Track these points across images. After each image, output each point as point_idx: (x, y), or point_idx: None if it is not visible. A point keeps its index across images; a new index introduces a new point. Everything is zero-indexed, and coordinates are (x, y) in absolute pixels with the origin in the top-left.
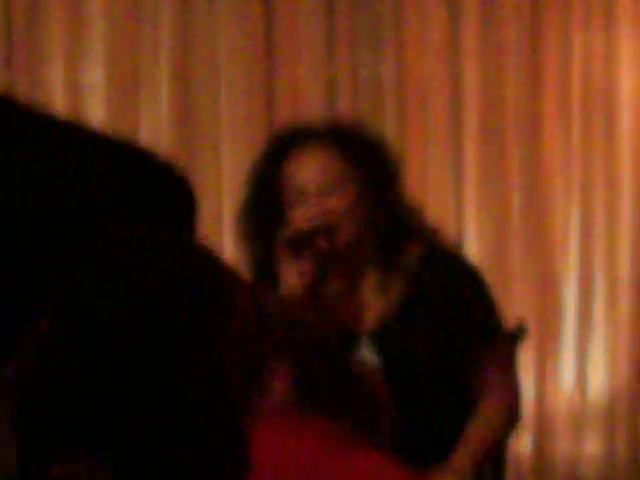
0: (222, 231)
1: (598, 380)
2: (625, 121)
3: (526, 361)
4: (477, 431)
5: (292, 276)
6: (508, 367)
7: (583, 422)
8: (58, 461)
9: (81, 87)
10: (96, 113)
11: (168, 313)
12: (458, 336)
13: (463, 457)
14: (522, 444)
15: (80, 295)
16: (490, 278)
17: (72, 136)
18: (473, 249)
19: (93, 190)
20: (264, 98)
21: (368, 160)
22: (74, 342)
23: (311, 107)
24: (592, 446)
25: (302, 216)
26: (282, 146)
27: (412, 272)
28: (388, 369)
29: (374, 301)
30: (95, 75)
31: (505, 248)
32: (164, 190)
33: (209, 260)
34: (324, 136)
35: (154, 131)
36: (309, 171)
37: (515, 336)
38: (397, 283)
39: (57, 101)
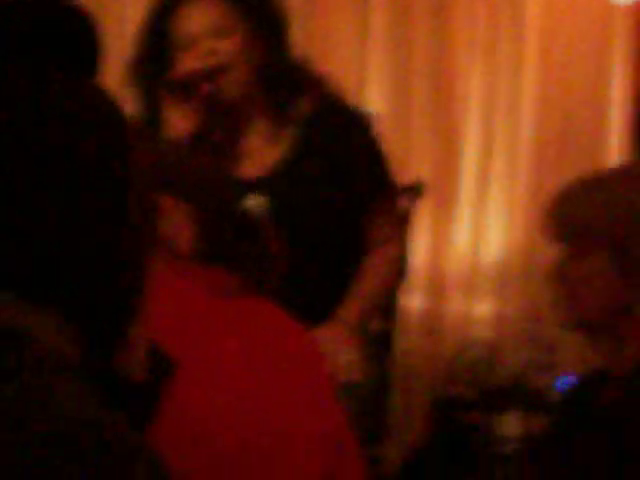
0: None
1: (493, 240)
2: None
3: (422, 218)
4: (365, 282)
5: (178, 120)
6: (397, 220)
7: (476, 282)
8: None
9: None
10: None
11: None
12: (348, 186)
13: (351, 307)
14: (413, 302)
15: None
16: (391, 133)
17: None
18: (375, 103)
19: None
20: None
21: (256, 8)
22: None
23: None
24: (483, 306)
25: (191, 58)
26: None
27: (303, 122)
28: (276, 217)
29: (263, 150)
30: None
31: (407, 109)
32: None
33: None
34: None
35: None
36: (198, 16)
37: (412, 191)
38: (288, 133)
39: None
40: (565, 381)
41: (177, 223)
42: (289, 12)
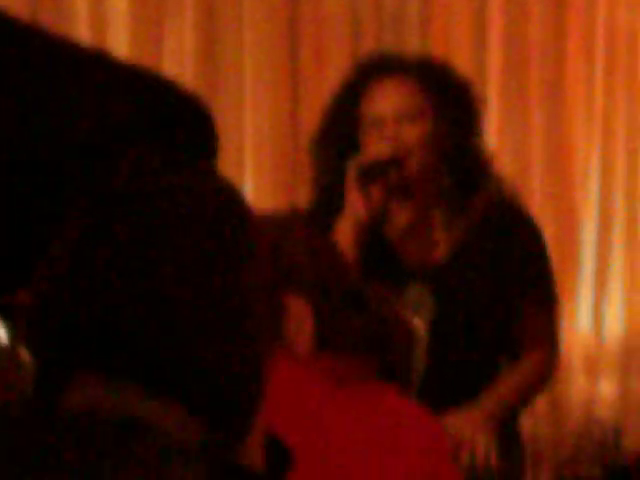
0: (243, 172)
1: (615, 322)
2: None
3: None
4: (508, 379)
5: (360, 204)
6: (555, 327)
7: (599, 363)
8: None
9: (105, 17)
10: (120, 44)
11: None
12: (513, 287)
13: (490, 398)
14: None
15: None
16: None
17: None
18: None
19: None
20: (288, 34)
21: (449, 98)
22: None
23: (335, 43)
24: (607, 388)
25: (376, 143)
26: (364, 74)
27: (478, 217)
28: (440, 308)
29: (438, 241)
30: (119, 5)
31: (524, 191)
32: (187, 120)
33: (232, 195)
34: (407, 68)
35: (177, 64)
36: (387, 100)
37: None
38: (462, 226)
39: (81, 31)
40: None
41: (298, 321)
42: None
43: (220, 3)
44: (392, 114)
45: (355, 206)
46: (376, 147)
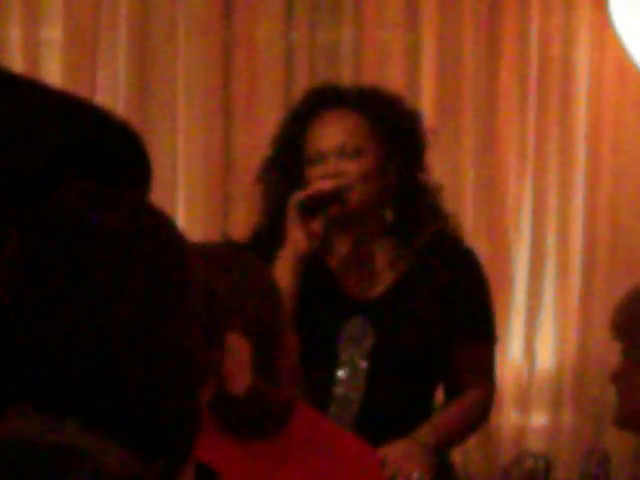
0: (175, 196)
1: (546, 354)
2: (581, 99)
3: None
4: (446, 415)
5: (300, 237)
6: (492, 364)
7: (530, 396)
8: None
9: (39, 45)
10: (53, 72)
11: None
12: (452, 323)
13: (428, 431)
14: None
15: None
16: None
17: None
18: None
19: (47, 147)
20: (221, 62)
21: (393, 128)
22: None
23: (269, 71)
24: (538, 419)
25: (318, 175)
26: (308, 107)
27: (420, 251)
28: (379, 340)
29: (381, 273)
30: (53, 34)
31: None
32: (119, 150)
33: (166, 225)
34: (350, 102)
35: (110, 93)
36: (331, 133)
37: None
38: (405, 259)
39: (14, 59)
40: None
41: (237, 358)
42: None
43: (153, 32)
44: (333, 150)
45: (296, 239)
46: (317, 183)
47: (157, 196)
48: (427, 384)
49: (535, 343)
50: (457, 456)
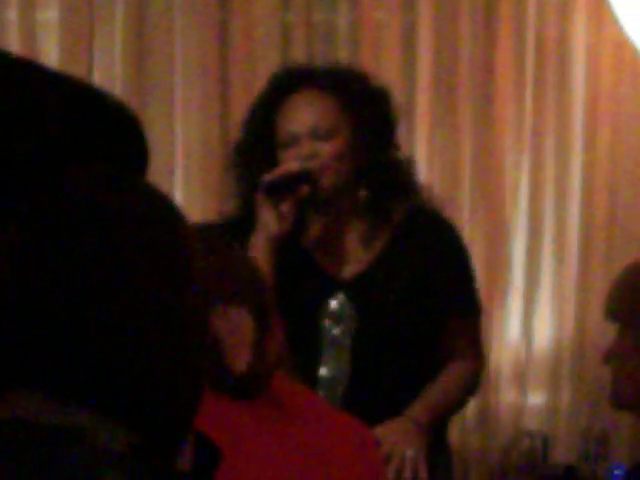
0: (173, 180)
1: (543, 334)
2: (578, 77)
3: None
4: (441, 387)
5: (270, 220)
6: (478, 337)
7: (527, 375)
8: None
9: (35, 27)
10: (49, 53)
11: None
12: (435, 298)
13: (420, 408)
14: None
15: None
16: None
17: (25, 74)
18: None
19: (48, 130)
20: (218, 43)
21: (363, 109)
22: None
23: (265, 52)
24: (536, 398)
25: (292, 158)
26: (279, 88)
27: (397, 227)
28: (362, 319)
29: (357, 252)
30: (49, 15)
31: (454, 199)
32: (117, 131)
33: (168, 206)
34: (320, 82)
35: (107, 72)
36: (303, 115)
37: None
38: (382, 237)
39: (11, 41)
40: (617, 471)
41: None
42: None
43: (150, 11)
44: (306, 131)
45: (266, 221)
46: (284, 164)
47: (154, 177)
48: (413, 361)
49: (533, 322)
50: (455, 436)
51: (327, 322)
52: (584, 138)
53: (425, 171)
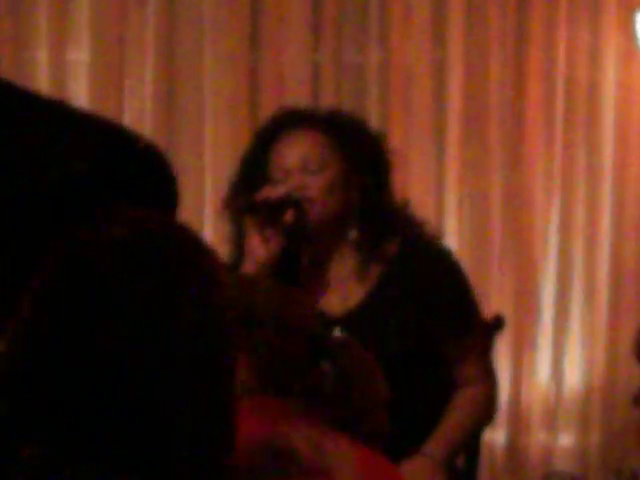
0: (203, 217)
1: (573, 375)
2: (608, 119)
3: (502, 354)
4: (454, 420)
5: (256, 244)
6: (485, 357)
7: (558, 416)
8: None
9: (66, 66)
10: (80, 93)
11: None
12: (433, 325)
13: (437, 444)
14: (496, 437)
15: (65, 282)
16: (469, 273)
17: (55, 115)
18: (453, 243)
19: (74, 170)
20: (248, 83)
21: (355, 147)
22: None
23: (295, 92)
24: (566, 440)
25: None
26: (272, 128)
27: (390, 261)
28: None
29: (349, 286)
30: (80, 55)
31: (484, 243)
32: (147, 172)
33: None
34: (315, 121)
35: (137, 113)
36: (294, 150)
37: (492, 327)
38: (374, 272)
39: (42, 80)
40: None
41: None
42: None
43: (180, 52)
44: (297, 165)
45: (252, 247)
46: (268, 187)
47: (184, 216)
48: (415, 396)
49: (563, 364)
50: (485, 476)
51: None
52: (614, 178)
53: (455, 212)
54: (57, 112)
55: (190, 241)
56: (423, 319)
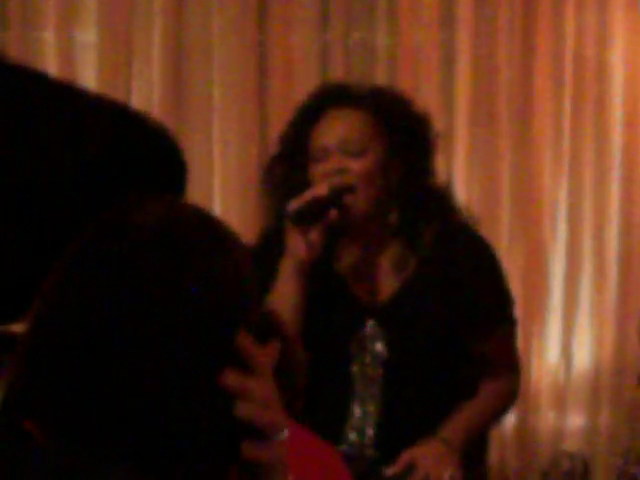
0: (211, 198)
1: (583, 355)
2: (615, 100)
3: None
4: (475, 408)
5: (299, 247)
6: (514, 349)
7: (567, 396)
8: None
9: (74, 48)
10: (88, 74)
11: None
12: (466, 314)
13: (454, 429)
14: (505, 417)
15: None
16: None
17: (65, 98)
18: None
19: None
20: (257, 64)
21: (399, 131)
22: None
23: (304, 72)
24: (575, 420)
25: (321, 173)
26: (315, 105)
27: (427, 249)
28: (392, 346)
29: (389, 277)
30: (88, 37)
31: (493, 223)
32: (159, 155)
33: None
34: (358, 101)
35: (146, 93)
36: (335, 129)
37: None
38: (413, 260)
39: (50, 62)
40: None
41: None
42: None
43: (188, 35)
44: (335, 144)
45: (294, 248)
46: (311, 189)
47: (193, 199)
48: (445, 389)
49: (572, 344)
50: (494, 457)
51: (357, 350)
52: (623, 158)
53: (464, 193)
54: (68, 94)
55: (221, 228)
56: (457, 309)
